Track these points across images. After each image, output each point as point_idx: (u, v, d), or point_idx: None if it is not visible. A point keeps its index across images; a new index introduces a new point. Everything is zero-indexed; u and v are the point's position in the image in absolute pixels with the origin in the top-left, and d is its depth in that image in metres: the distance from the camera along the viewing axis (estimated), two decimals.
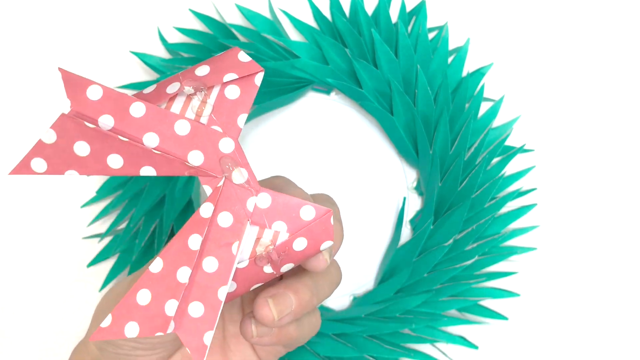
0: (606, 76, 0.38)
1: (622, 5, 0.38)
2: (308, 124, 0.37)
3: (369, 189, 0.37)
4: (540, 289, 0.37)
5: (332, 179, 0.37)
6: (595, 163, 0.38)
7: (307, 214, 0.21)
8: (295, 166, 0.37)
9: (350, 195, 0.37)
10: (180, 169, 0.20)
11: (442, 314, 0.36)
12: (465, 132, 0.35)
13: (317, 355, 0.35)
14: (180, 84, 0.20)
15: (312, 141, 0.37)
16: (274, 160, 0.37)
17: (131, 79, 0.38)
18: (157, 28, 0.37)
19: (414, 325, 0.35)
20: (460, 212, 0.35)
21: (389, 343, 0.35)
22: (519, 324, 0.37)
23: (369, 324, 0.35)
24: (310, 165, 0.37)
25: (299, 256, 0.21)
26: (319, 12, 0.37)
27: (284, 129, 0.37)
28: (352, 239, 0.37)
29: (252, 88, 0.21)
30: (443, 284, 0.35)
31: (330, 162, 0.37)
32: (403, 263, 0.36)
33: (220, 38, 0.36)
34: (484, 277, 0.36)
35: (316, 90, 0.37)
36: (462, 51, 0.36)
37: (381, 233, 0.37)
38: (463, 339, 0.36)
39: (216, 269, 0.21)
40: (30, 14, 0.39)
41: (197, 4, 0.37)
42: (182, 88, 0.20)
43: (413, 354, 0.35)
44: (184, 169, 0.20)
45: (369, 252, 0.38)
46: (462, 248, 0.35)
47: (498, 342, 0.37)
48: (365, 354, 0.34)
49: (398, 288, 0.35)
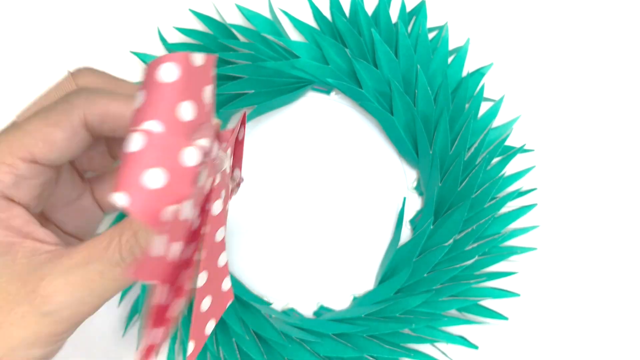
0: (606, 76, 0.38)
1: (622, 5, 0.38)
2: (308, 124, 0.37)
3: (369, 189, 0.37)
4: (540, 289, 0.37)
5: (332, 179, 0.37)
6: (596, 163, 0.38)
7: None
8: (295, 166, 0.37)
9: (350, 195, 0.37)
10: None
11: (442, 314, 0.36)
12: (465, 132, 0.35)
13: (317, 355, 0.35)
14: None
15: (312, 141, 0.37)
16: (274, 160, 0.37)
17: (131, 79, 0.38)
18: (157, 28, 0.37)
19: (414, 325, 0.35)
20: (460, 212, 0.35)
21: (389, 343, 0.35)
22: (519, 324, 0.37)
23: (369, 324, 0.35)
24: (310, 165, 0.37)
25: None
26: (319, 12, 0.37)
27: (284, 129, 0.37)
28: (352, 238, 0.37)
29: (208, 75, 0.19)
30: (443, 284, 0.35)
31: (330, 162, 0.37)
32: (403, 263, 0.36)
33: (220, 38, 0.36)
34: (484, 277, 0.36)
35: (316, 90, 0.37)
36: (462, 51, 0.36)
37: (381, 233, 0.37)
38: (463, 339, 0.36)
39: (225, 263, 0.21)
40: (30, 14, 0.39)
41: (197, 4, 0.37)
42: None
43: (413, 354, 0.35)
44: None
45: (369, 252, 0.38)
46: (462, 248, 0.35)
47: (498, 342, 0.37)
48: (366, 354, 0.35)
49: (398, 288, 0.35)
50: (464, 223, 0.35)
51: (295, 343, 0.35)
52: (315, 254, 0.37)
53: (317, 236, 0.37)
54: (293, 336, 0.35)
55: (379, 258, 0.38)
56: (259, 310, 0.35)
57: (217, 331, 0.35)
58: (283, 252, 0.37)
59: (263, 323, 0.35)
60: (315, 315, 0.37)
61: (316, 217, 0.37)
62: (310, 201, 0.37)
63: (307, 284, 0.38)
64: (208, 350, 0.35)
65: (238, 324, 0.34)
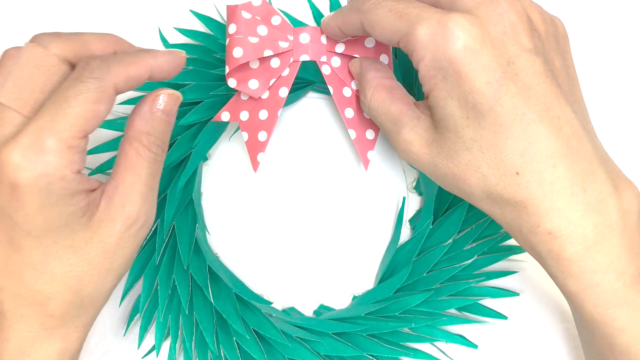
0: (606, 76, 0.38)
1: (623, 5, 0.38)
2: (308, 124, 0.37)
3: (369, 188, 0.38)
4: (540, 288, 0.37)
5: (333, 179, 0.37)
6: None
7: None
8: (296, 166, 0.37)
9: (350, 195, 0.37)
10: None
11: (442, 313, 0.36)
12: None
13: (317, 354, 0.35)
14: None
15: (312, 141, 0.38)
16: (275, 160, 0.37)
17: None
18: (158, 28, 0.37)
19: (413, 325, 0.35)
20: (459, 211, 0.35)
21: (389, 342, 0.35)
22: (518, 323, 0.37)
23: (368, 323, 0.35)
24: (310, 165, 0.37)
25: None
26: (319, 12, 0.37)
27: (284, 129, 0.37)
28: (352, 238, 0.38)
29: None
30: (442, 283, 0.35)
31: (331, 162, 0.37)
32: (403, 262, 0.36)
33: (221, 38, 0.36)
34: (484, 277, 0.36)
35: (317, 90, 0.37)
36: None
37: (381, 233, 0.38)
38: (463, 338, 0.36)
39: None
40: (30, 14, 0.39)
41: (198, 4, 0.38)
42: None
43: (413, 353, 0.35)
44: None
45: (369, 252, 0.38)
46: (462, 247, 0.35)
47: (498, 341, 0.37)
48: (366, 353, 0.35)
49: (398, 287, 0.35)
50: (463, 223, 0.35)
51: (295, 342, 0.35)
52: (315, 253, 0.38)
53: (317, 235, 0.38)
54: (293, 335, 0.35)
55: (378, 257, 0.38)
56: (259, 309, 0.35)
57: (217, 330, 0.35)
58: (283, 252, 0.38)
59: (263, 322, 0.35)
60: (315, 314, 0.37)
61: (316, 217, 0.38)
62: (311, 201, 0.37)
63: (307, 283, 0.38)
64: (209, 349, 0.35)
65: (239, 323, 0.34)
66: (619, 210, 0.25)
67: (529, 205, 0.24)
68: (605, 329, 0.26)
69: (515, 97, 0.24)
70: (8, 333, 0.26)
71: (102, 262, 0.26)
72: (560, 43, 0.27)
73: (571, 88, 0.26)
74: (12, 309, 0.26)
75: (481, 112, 0.24)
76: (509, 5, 0.24)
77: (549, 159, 0.24)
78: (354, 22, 0.28)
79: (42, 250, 0.25)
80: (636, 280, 0.25)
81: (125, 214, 0.26)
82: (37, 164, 0.23)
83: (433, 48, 0.24)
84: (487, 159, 0.24)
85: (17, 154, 0.23)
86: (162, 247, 0.35)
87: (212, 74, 0.35)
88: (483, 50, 0.23)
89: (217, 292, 0.35)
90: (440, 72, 0.24)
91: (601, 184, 0.25)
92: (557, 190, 0.24)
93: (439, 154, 0.26)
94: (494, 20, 0.24)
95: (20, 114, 0.24)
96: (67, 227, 0.25)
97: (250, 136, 0.33)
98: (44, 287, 0.25)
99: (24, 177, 0.23)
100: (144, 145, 0.26)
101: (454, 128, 0.25)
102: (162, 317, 0.35)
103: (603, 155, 0.26)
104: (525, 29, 0.24)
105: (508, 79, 0.23)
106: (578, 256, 0.25)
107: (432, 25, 0.24)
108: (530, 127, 0.24)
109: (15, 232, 0.24)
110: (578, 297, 0.26)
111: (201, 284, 0.34)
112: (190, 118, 0.35)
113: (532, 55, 0.24)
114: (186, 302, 0.34)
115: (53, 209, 0.24)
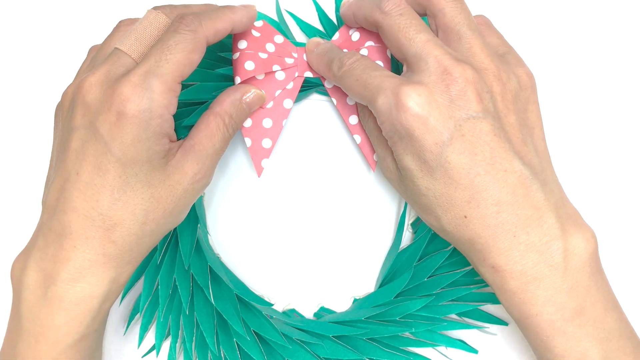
0: (607, 76, 0.38)
1: (623, 5, 0.38)
2: (312, 127, 0.37)
3: (370, 192, 0.37)
4: None
5: (334, 181, 0.37)
6: (596, 163, 0.38)
7: None
8: (298, 168, 0.37)
9: (352, 199, 0.37)
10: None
11: (442, 318, 0.36)
12: None
13: (317, 356, 0.35)
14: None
15: (315, 143, 0.37)
16: (277, 162, 0.37)
17: None
18: None
19: (414, 329, 0.35)
20: None
21: (389, 346, 0.35)
22: (518, 329, 0.37)
23: (369, 327, 0.35)
24: (312, 167, 0.37)
25: None
26: (324, 14, 0.37)
27: (287, 131, 0.37)
28: (353, 241, 0.38)
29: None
30: (443, 288, 0.35)
31: (333, 164, 0.37)
32: (404, 267, 0.36)
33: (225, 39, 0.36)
34: (484, 282, 0.36)
35: (320, 92, 0.37)
36: None
37: (382, 236, 0.38)
38: (463, 343, 0.36)
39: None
40: (30, 14, 0.39)
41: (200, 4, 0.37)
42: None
43: (413, 357, 0.35)
44: None
45: (370, 255, 0.38)
46: None
47: (498, 347, 0.37)
48: (365, 357, 0.35)
49: (398, 292, 0.35)
50: None
51: (295, 344, 0.35)
52: (316, 256, 0.38)
53: (318, 238, 0.38)
54: (293, 337, 0.35)
55: (380, 261, 0.38)
56: (260, 311, 0.35)
57: (218, 331, 0.35)
58: (285, 253, 0.38)
59: (264, 323, 0.35)
60: (315, 317, 0.37)
61: (318, 219, 0.37)
62: (313, 203, 0.37)
63: (308, 285, 0.38)
64: (209, 349, 0.35)
65: (239, 324, 0.34)
66: (563, 252, 0.28)
67: (476, 243, 0.28)
68: (547, 355, 0.29)
69: (462, 155, 0.27)
70: (70, 253, 0.27)
71: (168, 204, 0.29)
72: (521, 96, 0.30)
73: (527, 139, 0.29)
74: (79, 230, 0.27)
75: (432, 167, 0.28)
76: (459, 75, 0.27)
77: (494, 206, 0.27)
78: (367, 19, 0.32)
79: (123, 178, 0.27)
80: (576, 315, 0.28)
81: (196, 169, 0.29)
82: (144, 99, 0.26)
83: (389, 115, 0.28)
84: (440, 204, 0.28)
85: (128, 88, 0.26)
86: (163, 247, 0.35)
87: (216, 73, 0.35)
88: (430, 117, 0.27)
89: (217, 293, 0.35)
90: (396, 134, 0.28)
91: (547, 228, 0.28)
92: (500, 232, 0.27)
93: (404, 193, 0.31)
94: (441, 90, 0.27)
95: (132, 59, 0.28)
96: (149, 164, 0.27)
97: (254, 142, 0.34)
98: (115, 213, 0.27)
99: (130, 109, 0.26)
100: (225, 123, 0.30)
101: (412, 178, 0.29)
102: (162, 317, 0.35)
103: (557, 201, 0.29)
104: (474, 94, 0.27)
105: (454, 140, 0.27)
106: (518, 289, 0.28)
107: (388, 96, 0.28)
108: (476, 180, 0.27)
109: (105, 157, 0.27)
110: (520, 323, 0.29)
111: (202, 284, 0.34)
112: (194, 118, 0.34)
113: (479, 117, 0.27)
114: (187, 302, 0.34)
115: (144, 143, 0.27)
